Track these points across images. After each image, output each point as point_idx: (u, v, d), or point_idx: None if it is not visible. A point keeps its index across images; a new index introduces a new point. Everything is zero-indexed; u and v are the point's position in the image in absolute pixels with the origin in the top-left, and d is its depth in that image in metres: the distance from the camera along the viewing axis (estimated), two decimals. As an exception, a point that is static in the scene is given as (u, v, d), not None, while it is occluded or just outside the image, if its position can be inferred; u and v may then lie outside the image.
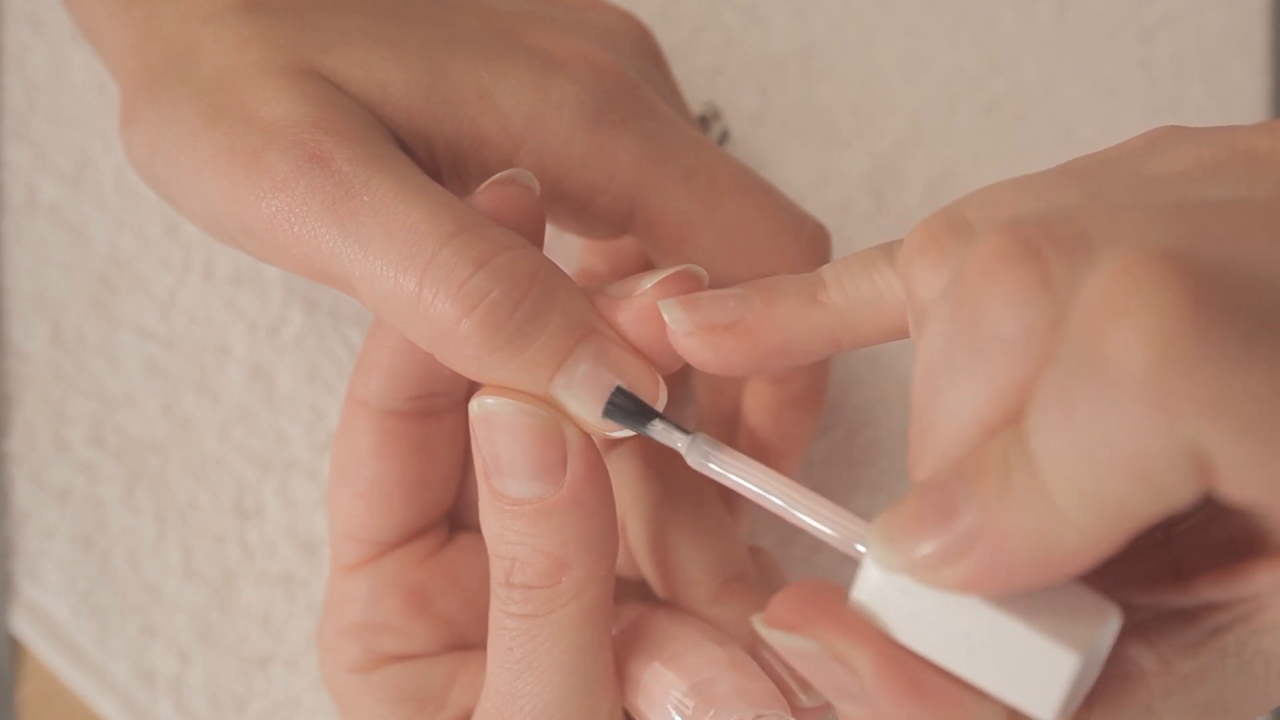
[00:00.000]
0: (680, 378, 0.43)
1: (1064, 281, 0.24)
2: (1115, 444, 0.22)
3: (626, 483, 0.37)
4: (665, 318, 0.31)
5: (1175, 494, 0.22)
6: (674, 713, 0.32)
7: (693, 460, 0.30)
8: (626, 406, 0.30)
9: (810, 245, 0.37)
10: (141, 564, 0.42)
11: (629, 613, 0.35)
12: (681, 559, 0.35)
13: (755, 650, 0.33)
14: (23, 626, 0.41)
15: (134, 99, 0.35)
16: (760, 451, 0.40)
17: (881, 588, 0.26)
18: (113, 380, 0.42)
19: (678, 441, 0.30)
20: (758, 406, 0.40)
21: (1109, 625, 0.25)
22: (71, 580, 0.41)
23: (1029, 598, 0.25)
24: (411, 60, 0.33)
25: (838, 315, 0.30)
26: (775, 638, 0.27)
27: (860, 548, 0.28)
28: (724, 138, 0.46)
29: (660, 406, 0.31)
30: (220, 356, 0.43)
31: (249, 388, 0.43)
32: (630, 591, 0.37)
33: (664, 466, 0.36)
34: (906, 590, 0.26)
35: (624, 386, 0.30)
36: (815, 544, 0.45)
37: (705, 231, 0.36)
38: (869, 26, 0.49)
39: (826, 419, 0.45)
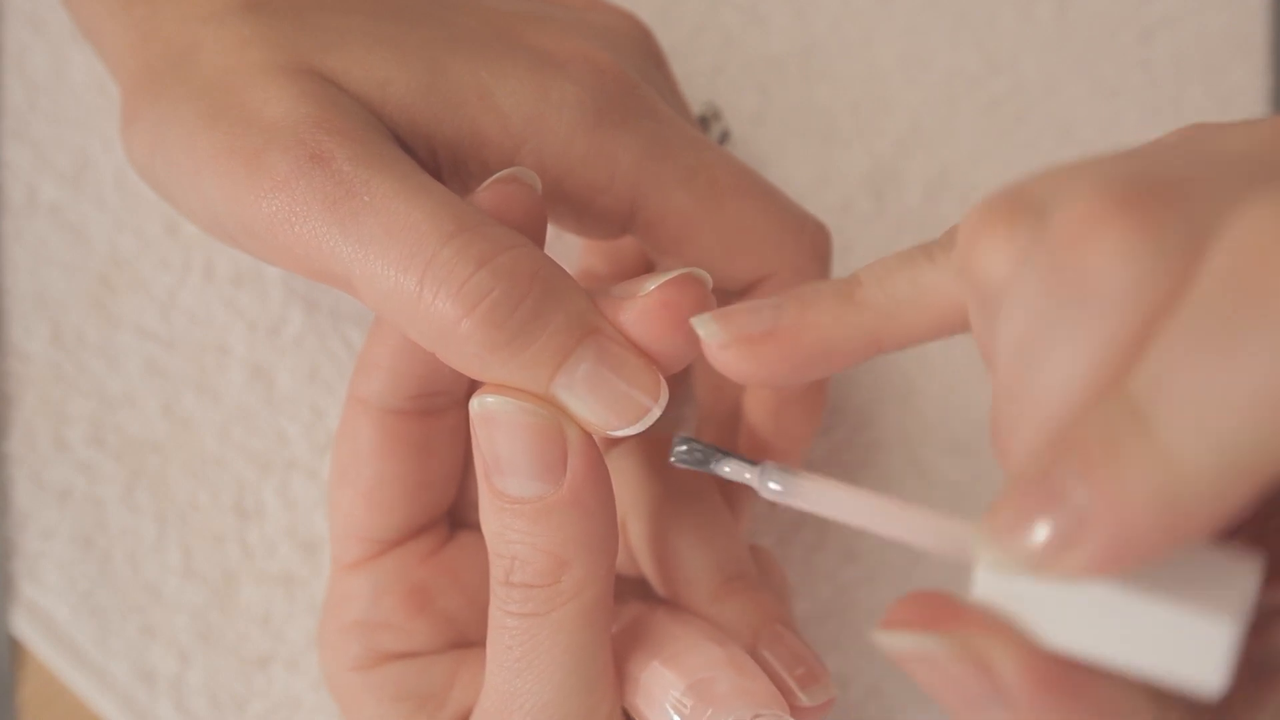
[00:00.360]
0: (680, 377, 0.43)
1: (1176, 230, 0.23)
2: (1263, 379, 0.21)
3: (627, 481, 0.37)
4: (700, 333, 0.30)
5: None
6: (673, 712, 0.32)
7: (767, 487, 0.29)
8: (690, 457, 0.30)
9: (811, 245, 0.37)
10: (141, 564, 0.42)
11: (628, 612, 0.35)
12: (682, 558, 0.35)
13: (755, 650, 0.33)
14: (23, 626, 0.41)
15: (134, 99, 0.35)
16: (760, 451, 0.40)
17: (1001, 585, 0.24)
18: (113, 380, 0.42)
19: (747, 474, 0.30)
20: (758, 406, 0.40)
21: (1253, 578, 0.24)
22: (71, 580, 0.41)
23: (1162, 569, 0.24)
24: (412, 60, 0.33)
25: (878, 315, 0.29)
26: (898, 641, 0.25)
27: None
28: (724, 138, 0.46)
29: (661, 406, 0.31)
30: (220, 356, 0.43)
31: (249, 388, 0.43)
32: (630, 590, 0.37)
33: (664, 465, 0.36)
34: (1029, 584, 0.24)
35: (684, 436, 0.30)
36: (815, 542, 0.45)
37: (706, 231, 0.36)
38: (869, 26, 0.49)
39: (827, 419, 0.45)
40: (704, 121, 0.46)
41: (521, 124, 0.34)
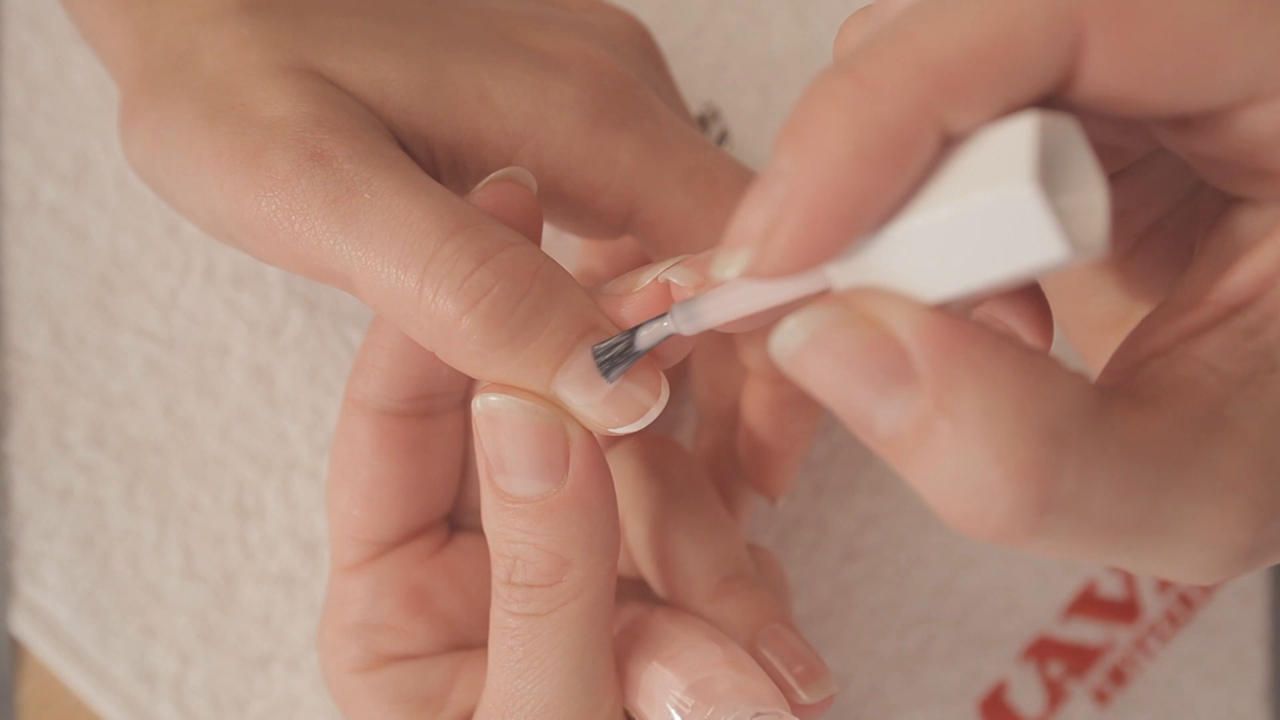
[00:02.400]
0: (680, 376, 0.43)
1: None
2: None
3: (625, 481, 0.37)
4: (672, 279, 0.30)
5: (1025, 60, 0.22)
6: (673, 712, 0.32)
7: (686, 329, 0.29)
8: (611, 353, 0.30)
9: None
10: (142, 564, 0.42)
11: (628, 612, 0.35)
12: (680, 557, 0.35)
13: (754, 648, 0.33)
14: (23, 627, 0.41)
15: (133, 100, 0.35)
16: (760, 451, 0.40)
17: (851, 275, 0.23)
18: (113, 380, 0.42)
19: (665, 322, 0.29)
20: (757, 406, 0.40)
21: (1028, 128, 0.22)
22: (72, 581, 0.41)
23: (947, 177, 0.22)
24: (411, 61, 0.33)
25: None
26: (789, 331, 0.23)
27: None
28: (724, 138, 0.46)
29: (663, 402, 0.31)
30: (221, 357, 0.43)
31: (249, 388, 0.43)
32: (629, 590, 0.37)
33: (663, 465, 0.36)
34: (872, 257, 0.23)
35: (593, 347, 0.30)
36: (816, 540, 0.45)
37: (705, 231, 0.36)
38: (869, 27, 0.49)
39: (827, 419, 0.45)
40: (703, 121, 0.46)
41: (520, 124, 0.34)
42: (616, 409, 0.30)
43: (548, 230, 0.34)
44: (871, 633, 0.45)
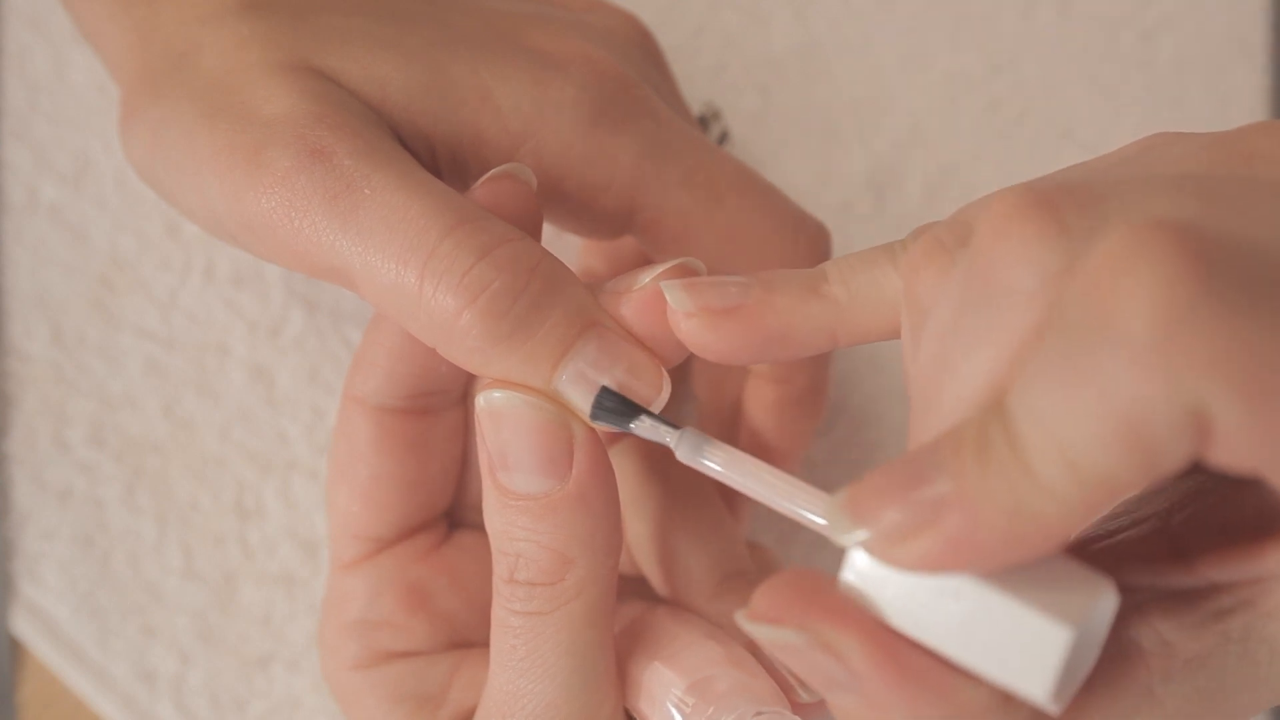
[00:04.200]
0: (681, 375, 0.43)
1: (1080, 233, 0.23)
2: (1110, 406, 0.22)
3: (626, 480, 0.37)
4: (668, 298, 0.30)
5: (1164, 460, 0.22)
6: (674, 711, 0.32)
7: (683, 455, 0.30)
8: (613, 406, 0.30)
9: (810, 245, 0.37)
10: (142, 564, 0.42)
11: (629, 611, 0.35)
12: (681, 556, 0.35)
13: (755, 647, 0.33)
14: (23, 627, 0.41)
15: (134, 100, 0.35)
16: (761, 451, 0.40)
17: (869, 570, 0.25)
18: (113, 381, 0.42)
19: (666, 437, 0.30)
20: (759, 406, 0.40)
21: (1103, 600, 0.25)
22: (72, 581, 0.41)
23: (1019, 574, 0.24)
24: (412, 60, 0.33)
25: (837, 309, 0.30)
26: (760, 632, 0.26)
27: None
28: (724, 138, 0.46)
29: (664, 399, 0.31)
30: (221, 357, 0.43)
31: (249, 388, 0.43)
32: (630, 589, 0.37)
33: (664, 463, 0.36)
34: (895, 572, 0.25)
35: (611, 386, 0.30)
36: (817, 541, 0.45)
37: (705, 231, 0.36)
38: (869, 27, 0.49)
39: (828, 419, 0.45)
40: (704, 121, 0.46)
41: (521, 124, 0.34)
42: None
43: (548, 230, 0.34)
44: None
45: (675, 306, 0.30)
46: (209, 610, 0.42)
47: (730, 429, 0.41)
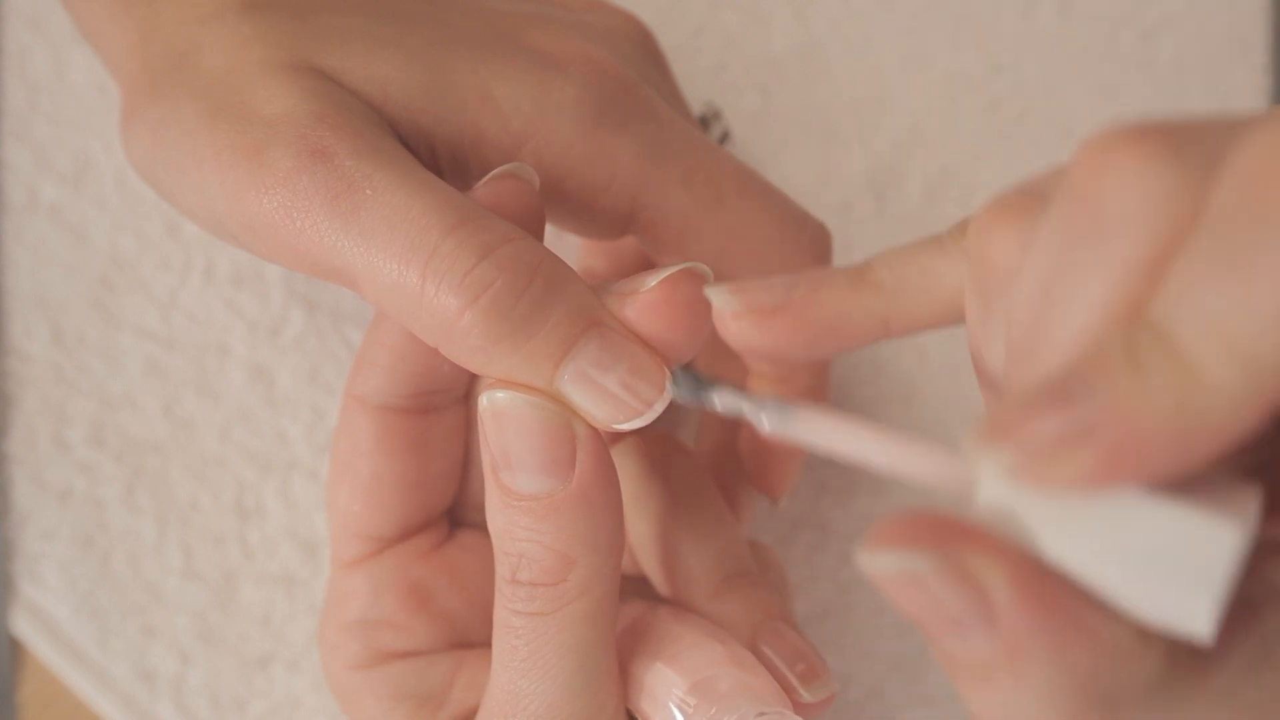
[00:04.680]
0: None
1: (1191, 154, 0.23)
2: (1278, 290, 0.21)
3: (628, 479, 0.37)
4: (714, 302, 0.30)
5: None
6: (676, 711, 0.32)
7: (771, 425, 0.29)
8: (692, 380, 0.30)
9: (811, 245, 0.37)
10: (142, 564, 0.42)
11: (630, 611, 0.35)
12: (683, 556, 0.35)
13: (756, 646, 0.33)
14: (23, 627, 0.41)
15: (134, 100, 0.35)
16: (762, 450, 0.40)
17: (1006, 496, 0.24)
18: (113, 381, 0.42)
19: (750, 410, 0.29)
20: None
21: (1254, 500, 0.23)
22: (72, 581, 0.41)
23: (1171, 488, 0.23)
24: (412, 60, 0.33)
25: (886, 297, 0.29)
26: (883, 561, 0.23)
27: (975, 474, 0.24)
28: (724, 138, 0.46)
29: (666, 398, 0.31)
30: (221, 357, 0.43)
31: (249, 388, 0.43)
32: (631, 588, 0.37)
33: (665, 463, 0.36)
34: (1032, 501, 0.23)
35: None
36: (818, 540, 0.45)
37: (706, 232, 0.36)
38: (869, 26, 0.49)
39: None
40: (704, 121, 0.46)
41: (522, 124, 0.34)
42: (620, 404, 0.30)
43: (549, 230, 0.34)
44: (873, 633, 0.45)
45: (722, 308, 0.30)
46: (209, 610, 0.41)
47: (731, 428, 0.41)
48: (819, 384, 0.40)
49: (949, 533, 0.24)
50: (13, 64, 0.44)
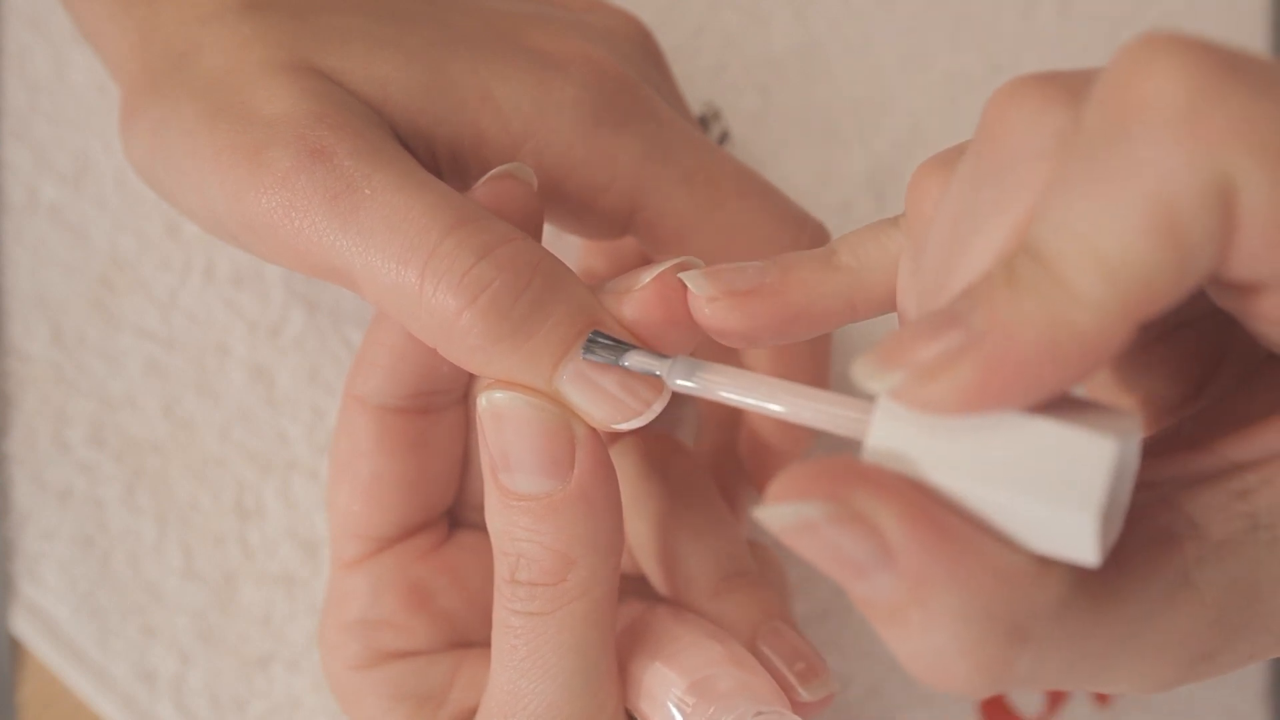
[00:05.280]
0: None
1: (1087, 92, 0.23)
2: (1140, 189, 0.21)
3: (627, 479, 0.37)
4: (689, 286, 0.30)
5: (1195, 251, 0.22)
6: (675, 711, 0.32)
7: (675, 381, 0.29)
8: (606, 344, 0.30)
9: (811, 245, 0.37)
10: (142, 564, 0.42)
11: (629, 610, 0.35)
12: (681, 555, 0.35)
13: (755, 645, 0.33)
14: (23, 627, 0.41)
15: (134, 100, 0.35)
16: (762, 450, 0.40)
17: (898, 426, 0.24)
18: (113, 381, 0.42)
19: (656, 368, 0.30)
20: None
21: (1133, 425, 0.24)
22: (72, 581, 0.41)
23: (1052, 410, 0.23)
24: (412, 60, 0.33)
25: (852, 277, 0.30)
26: (778, 514, 0.24)
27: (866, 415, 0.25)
28: (724, 138, 0.46)
29: (665, 398, 0.31)
30: (221, 357, 0.43)
31: (249, 388, 0.43)
32: (630, 588, 0.37)
33: (664, 463, 0.36)
34: (923, 430, 0.24)
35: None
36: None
37: (706, 232, 0.36)
38: (869, 27, 0.49)
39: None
40: (704, 121, 0.46)
41: (522, 124, 0.34)
42: (618, 404, 0.30)
43: (548, 230, 0.34)
44: (872, 633, 0.45)
45: (697, 292, 0.30)
46: (209, 610, 0.42)
47: (730, 429, 0.41)
48: (817, 383, 0.40)
49: (839, 478, 0.24)
50: (13, 64, 0.44)
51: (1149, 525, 0.25)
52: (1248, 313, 0.24)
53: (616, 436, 0.38)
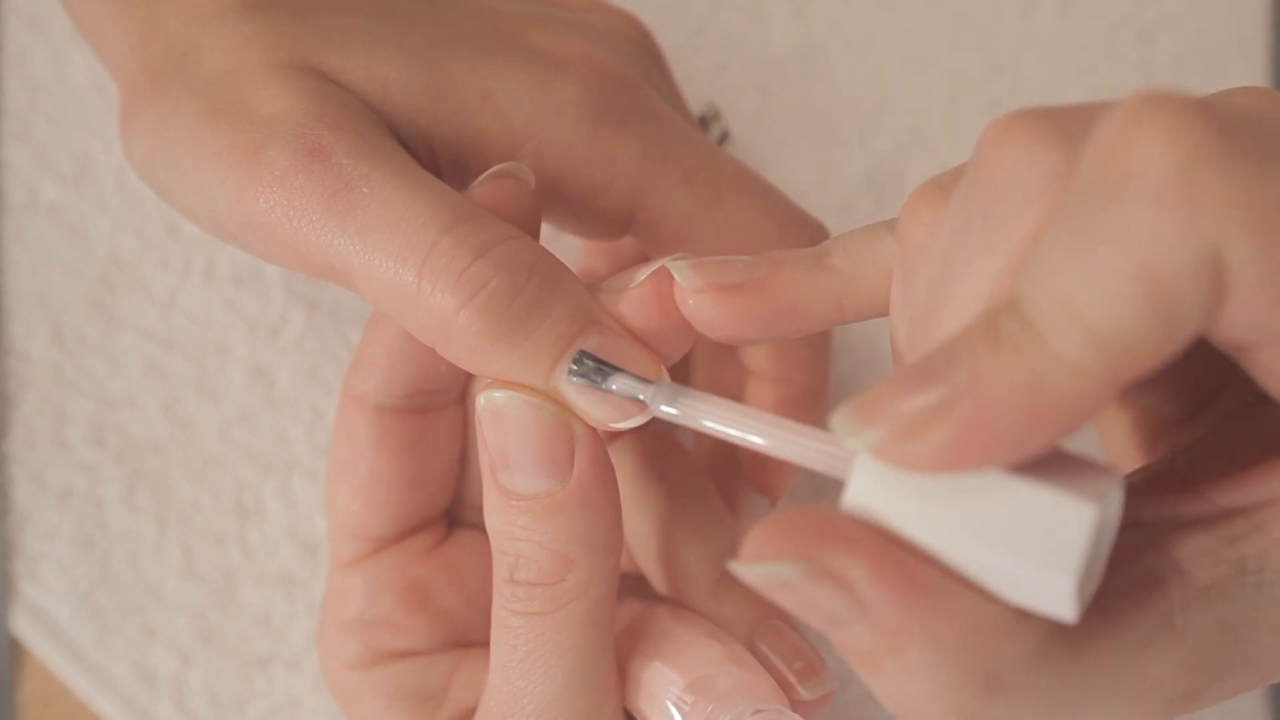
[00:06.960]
0: (680, 376, 0.43)
1: (1079, 136, 0.23)
2: (1128, 255, 0.21)
3: (626, 478, 0.37)
4: (675, 276, 0.30)
5: (1183, 317, 0.21)
6: (674, 710, 0.32)
7: (659, 407, 0.29)
8: (590, 367, 0.30)
9: (811, 245, 0.37)
10: (142, 564, 0.42)
11: (628, 610, 0.35)
12: (680, 554, 0.35)
13: (753, 644, 0.33)
14: (23, 627, 0.41)
15: (134, 100, 0.35)
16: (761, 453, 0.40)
17: (877, 482, 0.24)
18: (113, 381, 0.42)
19: (640, 393, 0.30)
20: (758, 406, 0.40)
21: (1115, 485, 0.24)
22: (72, 581, 0.41)
23: (1031, 469, 0.23)
24: (412, 60, 0.34)
25: (843, 280, 0.30)
26: (754, 572, 0.24)
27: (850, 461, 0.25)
28: (724, 138, 0.46)
29: None
30: (221, 357, 0.43)
31: (249, 388, 0.43)
32: (629, 587, 0.37)
33: (663, 462, 0.36)
34: (902, 484, 0.24)
35: (587, 350, 0.30)
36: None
37: (706, 232, 0.36)
38: (869, 27, 0.49)
39: (828, 419, 0.45)
40: (704, 121, 0.46)
41: (522, 124, 0.34)
42: (617, 404, 0.30)
43: (547, 230, 0.34)
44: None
45: (683, 283, 0.30)
46: (209, 610, 0.42)
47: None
48: (817, 384, 0.40)
49: (812, 535, 0.24)
50: (13, 64, 0.44)
51: (1134, 568, 0.26)
52: (1242, 360, 0.24)
53: (615, 436, 0.38)
